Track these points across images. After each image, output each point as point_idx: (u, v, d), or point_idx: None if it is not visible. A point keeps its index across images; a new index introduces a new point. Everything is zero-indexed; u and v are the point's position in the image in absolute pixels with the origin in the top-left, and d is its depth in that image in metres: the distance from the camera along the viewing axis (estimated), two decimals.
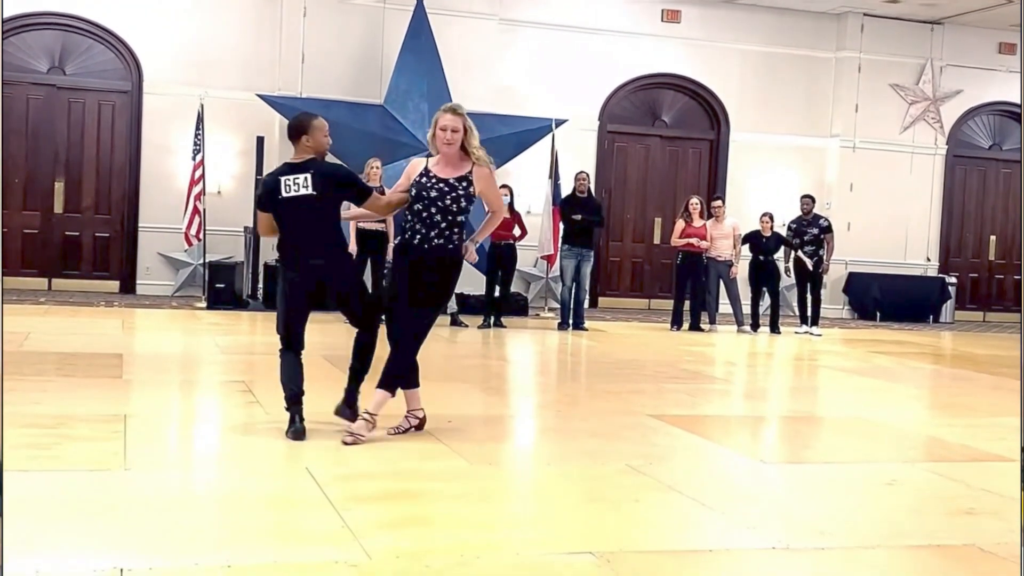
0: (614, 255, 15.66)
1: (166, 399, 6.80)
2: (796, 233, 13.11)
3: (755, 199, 15.15)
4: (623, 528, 4.11)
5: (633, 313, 14.87)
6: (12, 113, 13.30)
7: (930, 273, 16.51)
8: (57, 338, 9.04)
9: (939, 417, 7.60)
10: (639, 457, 5.27)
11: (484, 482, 4.77)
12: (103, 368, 7.47)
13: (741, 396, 8.47)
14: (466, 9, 14.04)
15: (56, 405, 6.00)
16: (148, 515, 3.95)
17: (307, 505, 4.14)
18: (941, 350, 12.65)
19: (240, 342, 10.01)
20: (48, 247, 13.53)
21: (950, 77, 16.33)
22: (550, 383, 8.81)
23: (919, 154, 16.38)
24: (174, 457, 5.28)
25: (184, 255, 13.41)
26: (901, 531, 4.26)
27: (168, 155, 13.44)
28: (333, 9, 13.69)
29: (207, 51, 13.56)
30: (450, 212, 5.38)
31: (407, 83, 13.08)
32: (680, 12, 15.38)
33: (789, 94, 15.90)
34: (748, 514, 4.39)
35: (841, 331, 13.92)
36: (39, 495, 4.14)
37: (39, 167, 13.47)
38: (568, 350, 10.90)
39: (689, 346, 11.14)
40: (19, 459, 4.67)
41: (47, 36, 13.39)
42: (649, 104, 15.70)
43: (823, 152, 16.08)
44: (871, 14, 15.76)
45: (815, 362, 10.78)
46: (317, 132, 5.48)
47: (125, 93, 13.61)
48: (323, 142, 5.53)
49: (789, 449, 6.25)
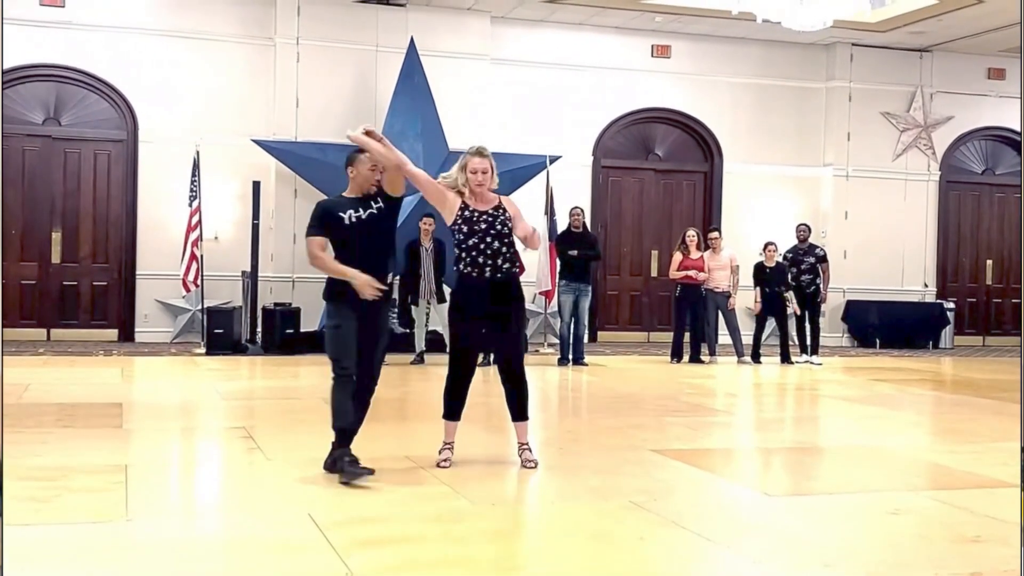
0: (612, 289, 15.68)
1: (167, 448, 6.78)
2: (792, 262, 13.12)
3: (751, 230, 15.20)
4: (628, 566, 4.09)
5: (633, 346, 14.87)
6: (9, 164, 13.36)
7: (928, 299, 16.52)
8: (56, 388, 9.03)
9: (942, 444, 7.58)
10: (642, 493, 5.25)
11: (487, 522, 4.75)
12: (103, 418, 7.46)
13: (743, 428, 8.45)
14: (457, 49, 14.16)
15: (56, 457, 5.98)
16: (151, 565, 3.93)
17: (310, 551, 4.12)
18: (942, 376, 12.64)
19: (240, 387, 9.99)
20: (46, 297, 13.54)
21: (941, 104, 16.43)
22: (551, 419, 8.78)
23: (912, 181, 16.44)
24: (176, 506, 5.26)
25: (182, 301, 13.42)
26: (906, 560, 4.24)
27: (165, 202, 13.48)
28: (326, 53, 13.80)
29: (201, 98, 13.65)
30: (503, 235, 5.71)
31: (401, 124, 13.16)
32: (670, 47, 15.50)
33: (781, 125, 15.99)
34: (753, 547, 4.37)
35: (841, 359, 13.91)
36: (42, 548, 4.12)
37: (36, 217, 13.50)
38: (569, 385, 10.88)
39: (689, 379, 11.12)
40: (21, 512, 4.66)
41: (42, 88, 13.48)
42: (642, 138, 15.79)
43: (817, 181, 16.15)
44: (860, 44, 15.89)
45: (816, 391, 10.76)
46: (361, 164, 5.72)
47: (120, 142, 13.68)
48: (367, 175, 5.71)
49: (792, 480, 6.23)
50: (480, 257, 5.68)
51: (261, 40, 13.83)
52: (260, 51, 13.83)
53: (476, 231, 5.68)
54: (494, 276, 5.69)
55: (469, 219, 5.71)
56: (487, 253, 5.68)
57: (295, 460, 5.87)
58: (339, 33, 13.83)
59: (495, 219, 5.71)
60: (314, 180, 12.74)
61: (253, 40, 13.83)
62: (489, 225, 5.69)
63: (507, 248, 5.73)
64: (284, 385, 9.96)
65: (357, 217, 5.62)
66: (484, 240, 5.68)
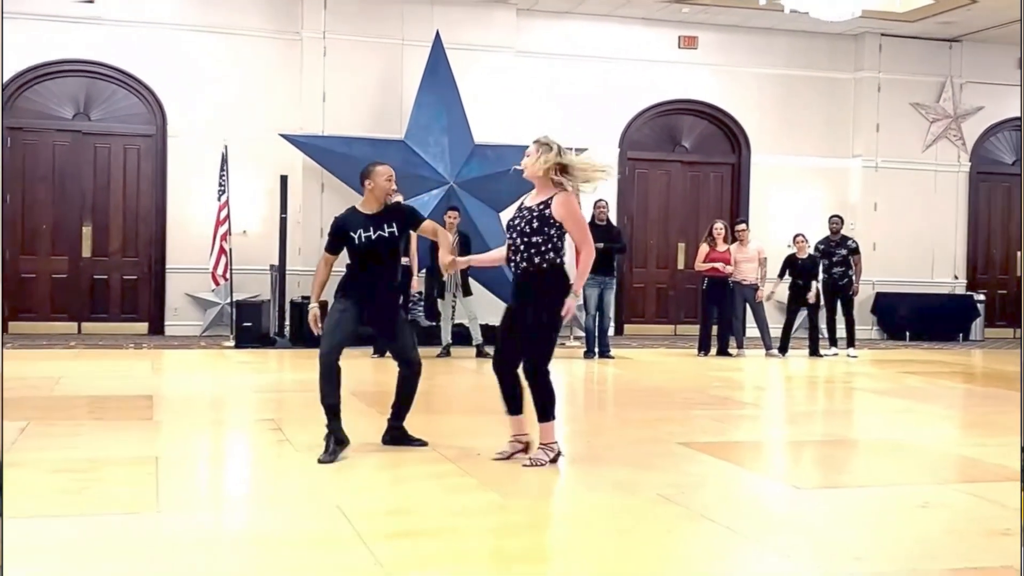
0: (638, 281, 15.64)
1: (196, 440, 6.83)
2: (824, 254, 13.05)
3: (779, 222, 15.11)
4: (656, 559, 4.08)
5: (659, 339, 14.84)
6: (39, 160, 13.50)
7: (958, 291, 16.39)
8: (88, 381, 9.12)
9: (972, 437, 7.53)
10: (670, 486, 5.24)
11: (516, 515, 4.75)
12: (134, 410, 7.52)
13: (771, 421, 8.42)
14: (483, 42, 14.17)
15: (88, 449, 6.04)
16: (181, 557, 3.96)
17: (339, 543, 4.14)
18: (972, 369, 12.54)
19: (268, 380, 10.05)
20: (77, 291, 13.66)
21: (970, 94, 16.28)
22: (578, 413, 8.78)
23: (942, 172, 16.31)
24: (206, 498, 5.30)
25: (211, 295, 13.50)
26: (937, 554, 4.21)
27: (193, 197, 13.56)
28: (352, 47, 13.83)
29: (229, 93, 13.72)
30: (524, 234, 5.58)
31: (427, 118, 13.18)
32: (697, 38, 15.43)
33: (809, 116, 15.89)
34: (782, 541, 4.36)
35: (870, 352, 13.82)
36: (73, 539, 4.16)
37: (67, 212, 13.62)
38: (595, 379, 10.87)
39: (717, 371, 11.09)
40: (52, 504, 4.71)
41: (71, 83, 13.58)
42: (669, 130, 15.73)
43: (846, 173, 16.04)
44: (889, 34, 15.76)
45: (845, 384, 10.70)
46: (378, 176, 5.91)
47: (150, 137, 13.77)
48: (384, 186, 5.92)
49: (821, 473, 6.20)
50: (509, 254, 5.71)
51: (288, 35, 13.88)
52: (287, 46, 13.88)
53: (509, 227, 5.73)
54: (515, 271, 5.68)
55: (512, 216, 5.77)
56: (512, 250, 5.65)
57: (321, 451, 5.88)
58: (365, 27, 13.86)
59: (524, 216, 5.64)
60: (341, 174, 12.79)
61: (280, 35, 13.88)
62: (519, 221, 5.65)
63: (525, 246, 5.57)
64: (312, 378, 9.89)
65: (367, 238, 5.84)
66: (511, 236, 5.67)
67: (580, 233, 5.65)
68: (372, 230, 5.84)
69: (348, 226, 5.90)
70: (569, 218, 5.62)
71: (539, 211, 5.60)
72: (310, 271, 13.33)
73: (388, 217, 5.91)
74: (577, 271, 5.68)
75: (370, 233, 5.83)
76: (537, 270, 5.58)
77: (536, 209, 5.62)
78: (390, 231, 5.87)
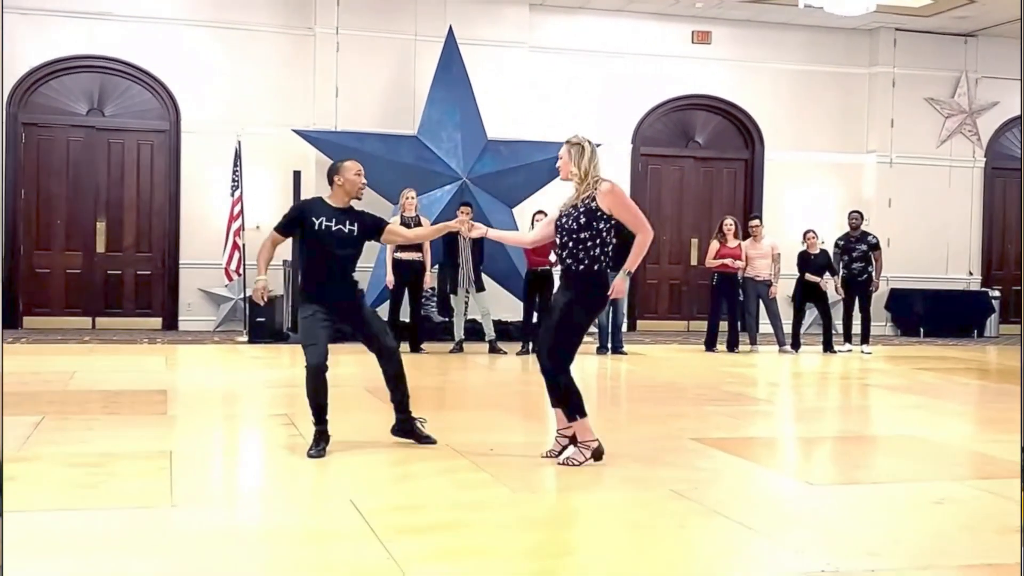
0: (651, 277, 15.62)
1: (210, 434, 6.85)
2: (844, 250, 13.01)
3: (792, 217, 15.08)
4: (669, 554, 4.08)
5: (672, 335, 14.82)
6: (53, 155, 13.55)
7: (973, 287, 16.31)
8: (102, 376, 9.15)
9: (986, 433, 7.49)
10: (683, 482, 5.23)
11: (528, 511, 4.75)
12: (148, 405, 7.54)
13: (785, 417, 8.40)
14: (495, 38, 14.16)
15: (102, 443, 6.06)
16: (194, 551, 3.97)
17: (352, 538, 4.15)
18: (987, 365, 12.48)
19: (281, 375, 10.06)
20: (91, 286, 13.71)
21: (986, 89, 16.20)
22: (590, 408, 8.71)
23: (957, 167, 16.24)
24: (220, 492, 5.31)
25: (225, 290, 13.54)
26: (951, 550, 4.20)
27: (207, 192, 13.60)
28: (365, 43, 13.84)
29: (242, 88, 13.75)
30: (572, 231, 5.59)
31: (440, 113, 13.18)
32: (710, 33, 15.39)
33: (823, 111, 15.84)
34: (795, 537, 4.34)
35: (885, 348, 13.78)
36: (86, 533, 4.18)
37: (80, 208, 13.67)
38: (608, 374, 10.86)
39: (730, 367, 11.06)
40: (66, 498, 4.73)
41: (85, 79, 13.62)
42: (682, 125, 15.70)
43: (860, 168, 15.98)
44: (904, 28, 15.69)
45: (859, 380, 10.66)
46: (347, 171, 5.94)
47: (163, 132, 13.80)
48: (354, 180, 5.94)
49: (835, 470, 6.18)
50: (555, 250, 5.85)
51: (301, 30, 13.89)
52: (300, 41, 13.90)
53: (557, 227, 5.74)
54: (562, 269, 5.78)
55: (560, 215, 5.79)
56: (560, 248, 5.70)
57: (336, 447, 5.90)
58: (378, 23, 13.87)
59: (570, 215, 5.65)
60: None
61: (293, 30, 13.89)
62: (566, 219, 5.68)
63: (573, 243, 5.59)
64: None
65: (327, 227, 5.86)
66: (559, 235, 5.69)
67: (634, 218, 5.67)
68: (334, 222, 5.87)
69: (311, 212, 5.92)
70: (618, 206, 5.63)
71: (585, 206, 5.59)
72: None
73: (352, 216, 5.95)
74: (633, 251, 5.68)
75: (331, 223, 5.86)
76: (585, 269, 5.60)
77: (583, 204, 5.60)
78: (350, 228, 5.90)
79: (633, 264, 5.69)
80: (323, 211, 5.92)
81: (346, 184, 5.94)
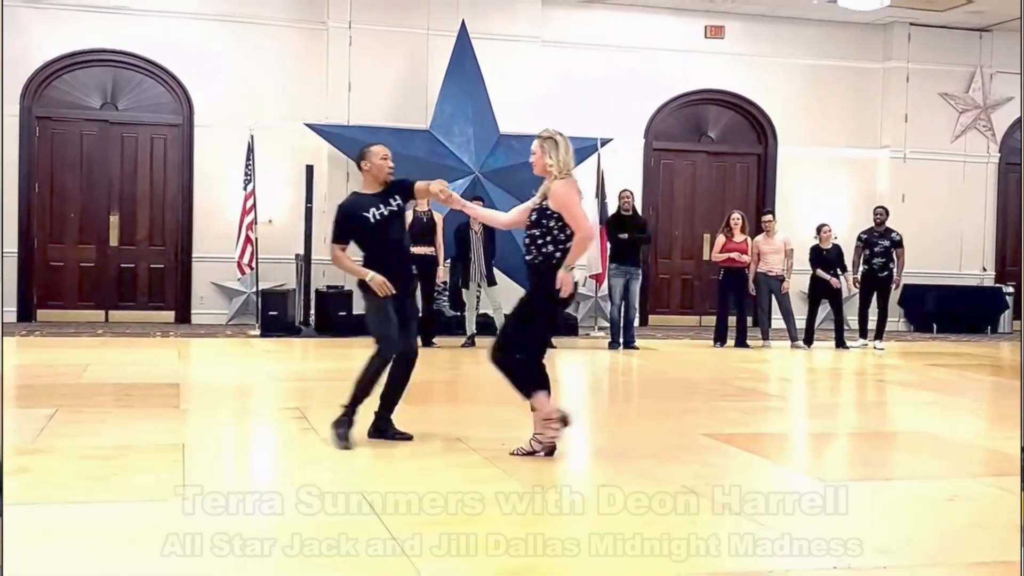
0: (663, 272, 15.60)
1: (222, 427, 6.87)
2: (866, 244, 12.94)
3: (805, 212, 15.02)
4: (680, 551, 4.07)
5: (684, 330, 14.79)
6: (67, 149, 13.60)
7: (986, 283, 16.24)
8: (115, 369, 9.18)
9: (999, 430, 7.46)
10: (694, 477, 5.23)
11: (539, 505, 4.76)
12: (160, 398, 7.57)
13: (797, 413, 8.38)
14: (509, 32, 14.13)
15: (115, 436, 6.08)
16: (206, 544, 3.98)
17: (364, 531, 4.15)
18: (1000, 361, 12.43)
19: (293, 369, 10.09)
20: (104, 280, 13.75)
21: (1000, 84, 16.11)
22: (602, 403, 8.78)
23: (971, 163, 16.16)
24: (232, 486, 5.32)
25: (237, 284, 13.57)
26: (965, 548, 4.18)
27: (220, 186, 13.62)
28: (378, 37, 13.83)
29: (255, 82, 13.76)
30: (529, 226, 5.64)
31: (452, 107, 13.17)
32: (724, 28, 15.34)
33: (837, 106, 15.78)
34: (808, 533, 4.33)
35: (897, 344, 13.73)
36: (99, 526, 4.20)
37: (94, 201, 13.71)
38: (619, 369, 10.85)
39: (742, 363, 11.04)
40: (78, 490, 4.75)
41: (99, 73, 13.66)
42: (695, 120, 15.66)
43: (873, 164, 15.92)
44: (918, 23, 15.61)
45: (872, 376, 10.64)
46: (373, 156, 5.97)
47: (176, 126, 13.83)
48: (380, 164, 5.96)
49: (848, 466, 6.17)
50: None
51: (314, 24, 13.90)
52: (313, 35, 13.90)
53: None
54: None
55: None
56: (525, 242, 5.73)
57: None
58: (391, 17, 13.86)
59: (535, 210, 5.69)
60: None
61: (306, 24, 13.90)
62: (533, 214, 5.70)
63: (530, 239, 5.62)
64: (337, 367, 10.01)
65: (380, 214, 5.89)
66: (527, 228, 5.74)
67: (572, 217, 5.57)
68: (382, 207, 5.91)
69: (359, 208, 5.93)
70: (563, 208, 5.57)
71: (539, 205, 5.64)
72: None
73: (390, 193, 5.98)
74: (572, 249, 5.56)
75: (381, 209, 5.90)
76: (541, 263, 5.59)
77: (541, 199, 5.65)
78: (396, 203, 5.96)
79: (571, 260, 5.56)
80: (367, 202, 5.94)
81: (373, 168, 5.97)
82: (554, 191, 5.57)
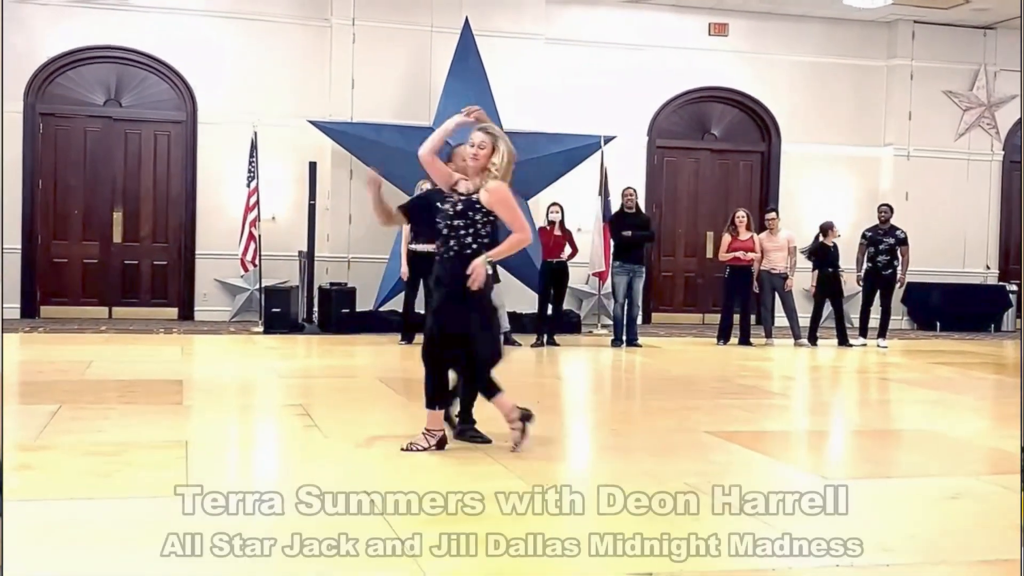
0: (666, 270, 15.59)
1: (226, 424, 6.87)
2: (871, 242, 12.92)
3: (809, 210, 15.01)
4: (683, 548, 4.07)
5: (687, 328, 14.79)
6: (71, 145, 13.61)
7: (990, 281, 16.23)
8: (118, 366, 9.18)
9: (1003, 428, 7.44)
10: (697, 475, 5.22)
11: (542, 503, 4.75)
12: (163, 395, 7.57)
13: (800, 411, 8.37)
14: (512, 29, 14.13)
15: (118, 432, 6.08)
16: (209, 541, 3.98)
17: (368, 528, 4.15)
18: (1003, 360, 12.41)
19: (297, 366, 10.09)
20: (108, 276, 13.77)
21: (1005, 82, 16.08)
22: (604, 401, 8.77)
23: (975, 161, 16.14)
24: (235, 482, 5.32)
25: (240, 281, 13.58)
26: (967, 546, 4.18)
27: (223, 183, 13.63)
28: (382, 34, 13.83)
29: (259, 79, 13.76)
30: (455, 217, 5.52)
31: (456, 105, 13.01)
32: (727, 25, 15.33)
33: (841, 104, 15.76)
34: (810, 531, 4.33)
35: (901, 342, 13.72)
36: (101, 522, 4.20)
37: (97, 198, 13.73)
38: (622, 367, 10.85)
39: (745, 361, 11.04)
40: (81, 487, 4.76)
41: (103, 69, 13.67)
42: (698, 118, 15.65)
43: (877, 161, 15.90)
44: (922, 21, 15.59)
45: (875, 374, 10.63)
46: (455, 158, 5.99)
47: (180, 123, 13.84)
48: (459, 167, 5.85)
49: (851, 464, 6.17)
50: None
51: (317, 21, 13.90)
52: (316, 32, 13.90)
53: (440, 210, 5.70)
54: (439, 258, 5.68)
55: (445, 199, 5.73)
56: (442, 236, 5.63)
57: (352, 438, 5.92)
58: (394, 14, 13.85)
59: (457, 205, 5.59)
60: (370, 161, 12.68)
61: (309, 21, 13.90)
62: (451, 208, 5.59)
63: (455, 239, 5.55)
64: (340, 364, 10.04)
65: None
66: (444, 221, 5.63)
67: (513, 218, 5.51)
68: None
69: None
70: (497, 208, 5.50)
71: (466, 196, 5.52)
72: (338, 257, 13.53)
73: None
74: (503, 244, 5.49)
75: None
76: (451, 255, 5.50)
77: (464, 195, 5.53)
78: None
79: (497, 255, 5.51)
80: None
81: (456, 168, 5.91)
82: (493, 189, 5.47)
